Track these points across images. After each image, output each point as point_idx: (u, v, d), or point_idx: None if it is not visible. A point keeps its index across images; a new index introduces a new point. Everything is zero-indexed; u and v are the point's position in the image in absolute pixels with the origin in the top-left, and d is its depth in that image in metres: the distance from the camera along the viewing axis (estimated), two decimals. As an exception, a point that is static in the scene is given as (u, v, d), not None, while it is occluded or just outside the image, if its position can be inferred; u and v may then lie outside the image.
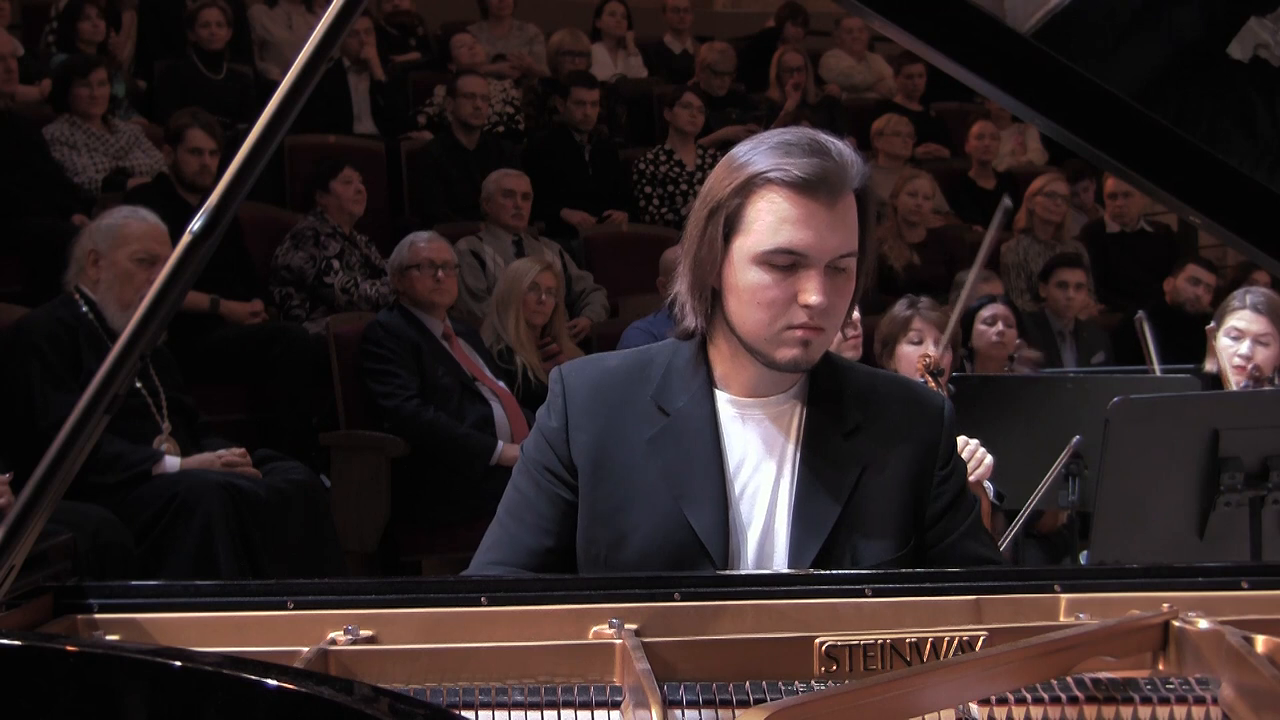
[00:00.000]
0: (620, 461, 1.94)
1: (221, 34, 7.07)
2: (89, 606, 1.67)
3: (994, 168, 8.09)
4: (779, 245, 1.86)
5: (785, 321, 1.88)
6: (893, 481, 1.96)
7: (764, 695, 1.51)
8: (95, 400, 1.50)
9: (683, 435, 1.94)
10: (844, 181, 1.87)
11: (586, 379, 2.00)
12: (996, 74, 1.56)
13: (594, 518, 1.94)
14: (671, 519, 1.91)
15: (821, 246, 1.86)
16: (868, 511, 1.93)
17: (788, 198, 1.86)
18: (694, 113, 7.46)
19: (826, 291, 1.86)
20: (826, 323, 1.89)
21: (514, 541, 1.97)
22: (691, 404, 1.96)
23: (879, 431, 1.98)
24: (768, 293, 1.87)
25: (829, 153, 1.87)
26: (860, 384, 2.02)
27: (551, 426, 1.98)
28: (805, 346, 1.89)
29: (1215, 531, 3.02)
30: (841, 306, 1.91)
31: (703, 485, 1.92)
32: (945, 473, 2.00)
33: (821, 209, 1.85)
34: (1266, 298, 3.90)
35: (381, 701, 1.23)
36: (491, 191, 6.31)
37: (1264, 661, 1.49)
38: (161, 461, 4.24)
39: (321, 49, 1.55)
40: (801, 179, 1.85)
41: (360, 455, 5.09)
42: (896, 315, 3.97)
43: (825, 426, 1.96)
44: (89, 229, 4.41)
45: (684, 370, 1.98)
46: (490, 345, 5.40)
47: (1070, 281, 6.32)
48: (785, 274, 1.87)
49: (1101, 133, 1.56)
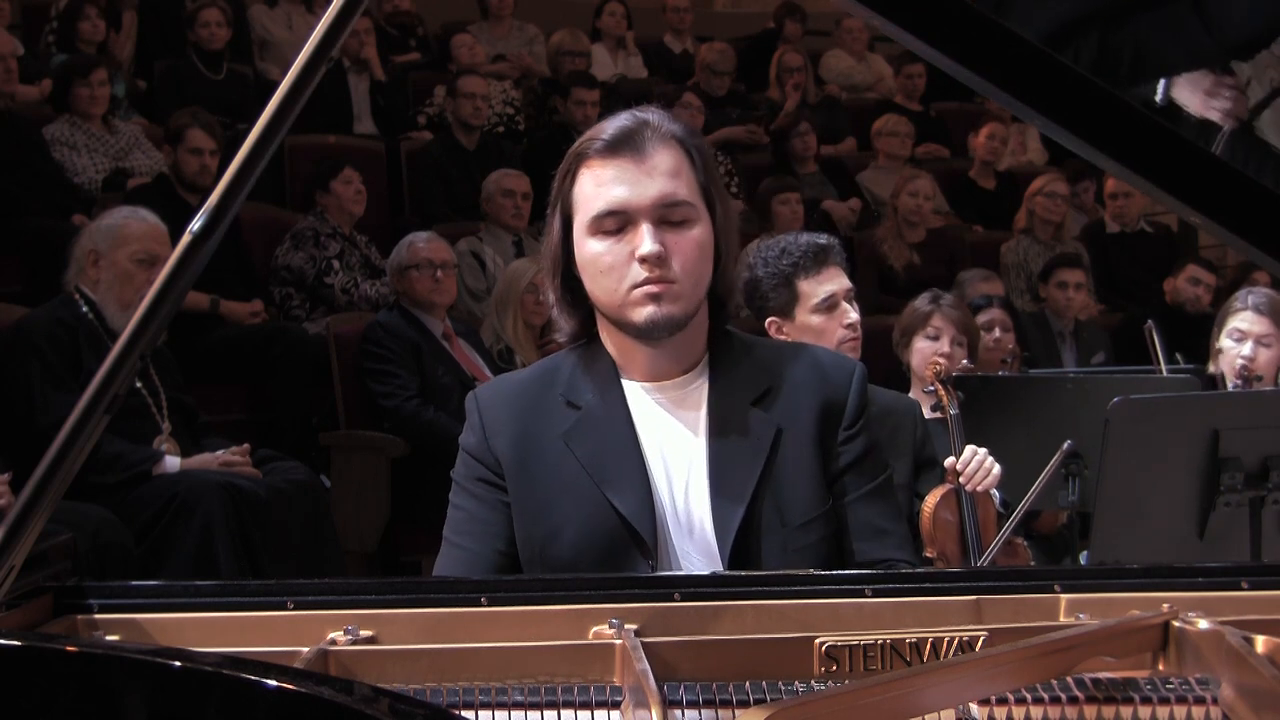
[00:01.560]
0: (541, 461, 1.98)
1: (221, 34, 7.07)
2: (89, 606, 1.67)
3: (994, 168, 8.09)
4: (600, 209, 1.92)
5: (629, 281, 1.92)
6: (806, 439, 1.99)
7: (764, 695, 1.51)
8: (95, 400, 1.50)
9: (597, 425, 1.98)
10: (651, 135, 1.93)
11: (497, 394, 2.06)
12: (996, 74, 1.56)
13: (525, 518, 1.97)
14: (598, 507, 1.94)
15: (640, 198, 1.90)
16: (787, 473, 1.96)
17: (599, 164, 1.93)
18: (694, 113, 7.46)
19: (659, 240, 1.90)
20: (673, 274, 1.92)
21: (469, 556, 1.99)
22: (600, 395, 2.00)
23: (789, 393, 2.01)
24: (605, 258, 1.93)
25: (634, 118, 1.95)
26: (766, 354, 2.06)
27: (471, 442, 2.03)
28: (657, 301, 1.92)
29: (1215, 531, 3.02)
30: (691, 258, 1.93)
31: (623, 469, 1.96)
32: (851, 432, 2.02)
33: (630, 164, 1.91)
34: (1268, 299, 3.89)
35: (381, 702, 1.23)
36: (491, 192, 6.31)
37: (1264, 661, 1.49)
38: (161, 461, 4.24)
39: (321, 49, 1.55)
40: (605, 142, 1.93)
41: (360, 455, 5.09)
42: (918, 308, 3.93)
43: (733, 396, 2.00)
44: (89, 229, 4.41)
45: (589, 367, 2.03)
46: (490, 345, 5.40)
47: (1070, 282, 6.32)
48: (617, 236, 1.92)
49: (1102, 133, 1.56)
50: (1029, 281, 6.97)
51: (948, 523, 3.26)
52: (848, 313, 3.23)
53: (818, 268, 3.22)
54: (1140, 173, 1.58)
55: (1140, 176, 1.59)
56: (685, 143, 1.96)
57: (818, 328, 3.20)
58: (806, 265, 3.22)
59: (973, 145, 8.17)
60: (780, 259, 3.23)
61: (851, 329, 3.23)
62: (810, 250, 3.23)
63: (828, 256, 3.24)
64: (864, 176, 8.02)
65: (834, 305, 3.22)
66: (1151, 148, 1.55)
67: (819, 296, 3.21)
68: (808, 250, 3.23)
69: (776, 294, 3.23)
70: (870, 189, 7.92)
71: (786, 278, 3.22)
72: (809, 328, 3.20)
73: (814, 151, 7.87)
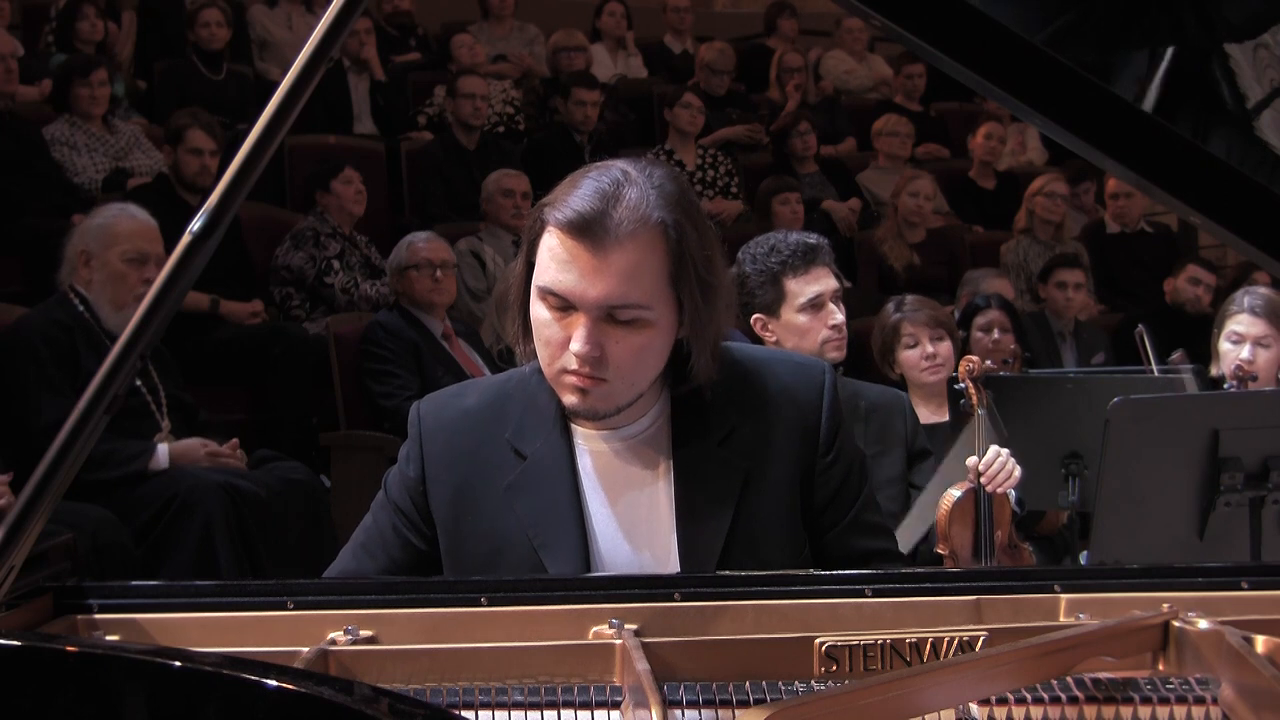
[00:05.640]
0: (481, 511, 1.88)
1: (221, 34, 7.07)
2: (89, 606, 1.67)
3: (994, 168, 8.09)
4: (544, 284, 1.80)
5: (561, 364, 1.81)
6: (781, 479, 1.88)
7: (764, 695, 1.51)
8: (95, 400, 1.50)
9: (540, 480, 1.88)
10: (617, 226, 1.75)
11: (443, 424, 1.93)
12: (996, 74, 1.56)
13: (461, 571, 1.89)
14: (531, 570, 1.85)
15: (584, 294, 1.77)
16: (758, 520, 1.86)
17: (559, 237, 1.78)
18: (694, 113, 7.46)
19: (593, 340, 1.77)
20: (607, 374, 1.79)
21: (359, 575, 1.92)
22: (547, 445, 1.89)
23: (756, 427, 1.89)
24: (545, 330, 1.82)
25: (619, 197, 1.77)
26: (729, 378, 1.90)
27: (409, 476, 1.93)
28: (582, 394, 1.81)
29: (1215, 531, 3.02)
30: (627, 362, 1.79)
31: (559, 531, 1.86)
32: (829, 460, 1.92)
33: (585, 254, 1.76)
34: (1265, 300, 3.88)
35: (381, 702, 1.23)
36: (491, 192, 6.31)
37: (1264, 661, 1.49)
38: (155, 454, 4.23)
39: (321, 49, 1.55)
40: (566, 220, 1.76)
41: (360, 455, 5.09)
42: (885, 322, 3.96)
43: (696, 439, 1.88)
44: (80, 228, 4.38)
45: (539, 406, 1.91)
46: (490, 345, 5.40)
47: (1069, 282, 6.32)
48: (560, 314, 1.80)
49: (1101, 134, 1.55)
50: (1029, 281, 6.97)
51: (964, 521, 3.27)
52: (834, 313, 3.25)
53: (806, 267, 3.24)
54: (1140, 173, 1.58)
55: (1140, 176, 1.59)
56: (665, 227, 1.77)
57: (803, 327, 3.22)
58: (795, 264, 3.23)
59: (971, 145, 8.18)
60: (769, 256, 3.24)
61: (836, 330, 3.24)
62: (799, 249, 3.25)
63: (816, 256, 3.26)
64: (864, 176, 8.03)
65: (820, 305, 3.23)
66: (1152, 148, 1.55)
67: (805, 296, 3.23)
68: (797, 249, 3.24)
69: (763, 291, 3.24)
70: (870, 189, 7.92)
71: (774, 275, 3.23)
72: (794, 326, 3.22)
73: (814, 151, 7.87)
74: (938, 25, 1.54)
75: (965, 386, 3.48)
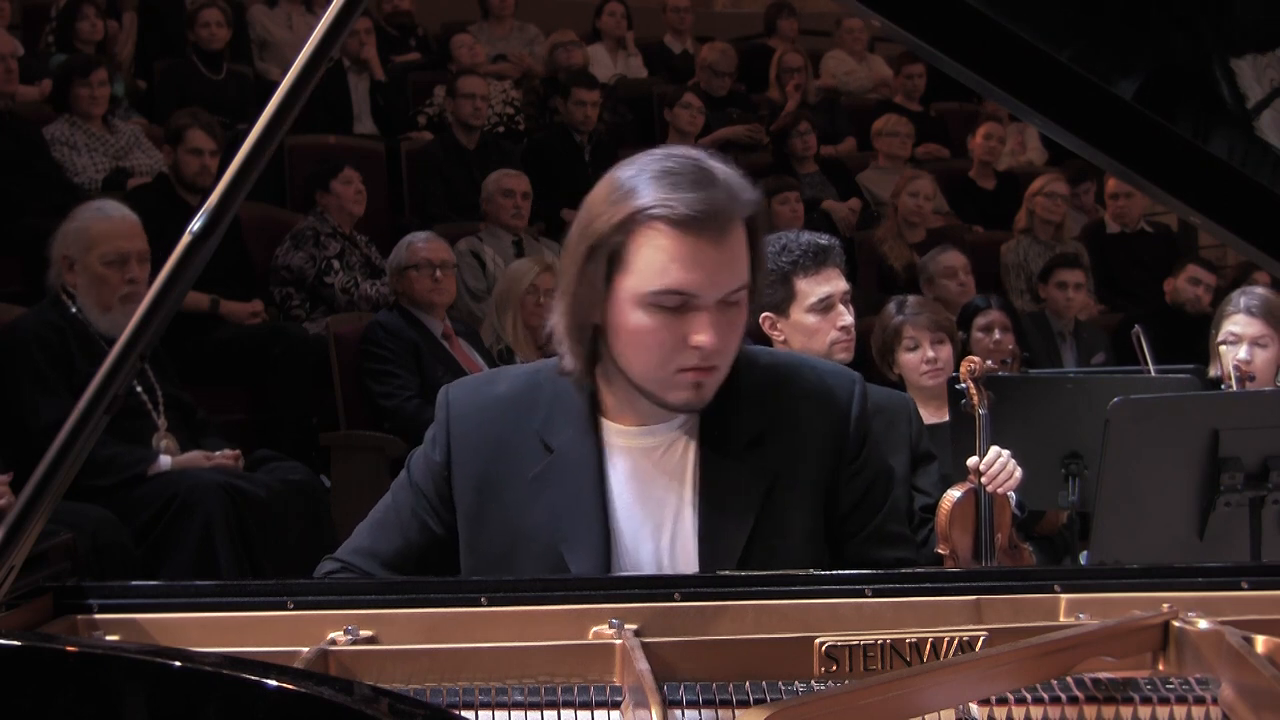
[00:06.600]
0: (505, 501, 1.87)
1: (221, 34, 7.07)
2: (89, 606, 1.67)
3: (994, 168, 8.09)
4: (667, 286, 1.75)
5: (676, 364, 1.79)
6: (806, 485, 1.88)
7: (764, 695, 1.50)
8: (95, 401, 1.50)
9: (565, 473, 1.86)
10: (732, 214, 1.76)
11: (472, 409, 1.91)
12: (996, 74, 1.56)
13: (479, 560, 1.88)
14: (552, 564, 1.84)
15: (712, 285, 1.76)
16: (781, 524, 1.86)
17: (673, 236, 1.74)
18: (694, 113, 7.47)
19: (718, 330, 1.77)
20: (720, 360, 1.80)
21: (373, 553, 1.92)
22: (575, 439, 1.87)
23: (785, 432, 1.88)
24: (655, 335, 1.77)
25: (715, 183, 1.76)
26: (760, 380, 1.91)
27: (435, 460, 1.91)
28: (698, 388, 1.81)
29: (1215, 531, 3.01)
30: (734, 342, 1.82)
31: (583, 527, 1.85)
32: (856, 466, 1.92)
33: (709, 246, 1.75)
34: (1261, 299, 3.88)
35: (381, 702, 1.23)
36: (491, 192, 6.31)
37: (1264, 661, 1.49)
38: (156, 461, 4.23)
39: (321, 49, 1.55)
40: (688, 216, 1.73)
41: (360, 455, 5.09)
42: (887, 323, 3.95)
43: (725, 442, 1.87)
44: (60, 232, 4.30)
45: (570, 400, 1.89)
46: (490, 345, 5.40)
47: (1069, 282, 6.32)
48: (674, 315, 1.77)
49: (1101, 133, 1.56)
50: (1029, 281, 6.97)
51: (965, 521, 3.26)
52: (843, 315, 3.24)
53: (817, 267, 3.22)
54: (1140, 173, 1.58)
55: (1140, 176, 1.59)
56: (753, 219, 1.80)
57: (811, 327, 3.21)
58: (806, 264, 3.22)
59: (971, 145, 8.18)
60: (780, 255, 3.23)
61: (845, 331, 3.23)
62: (811, 249, 3.23)
63: (828, 257, 3.24)
64: (864, 176, 8.03)
65: (830, 306, 3.22)
66: (1152, 148, 1.55)
67: (816, 296, 3.21)
68: (808, 249, 3.23)
69: (773, 290, 3.22)
70: (870, 189, 7.92)
71: (785, 275, 3.22)
72: (802, 326, 3.21)
73: (814, 151, 7.87)
74: (938, 25, 1.54)
75: (966, 387, 3.47)
